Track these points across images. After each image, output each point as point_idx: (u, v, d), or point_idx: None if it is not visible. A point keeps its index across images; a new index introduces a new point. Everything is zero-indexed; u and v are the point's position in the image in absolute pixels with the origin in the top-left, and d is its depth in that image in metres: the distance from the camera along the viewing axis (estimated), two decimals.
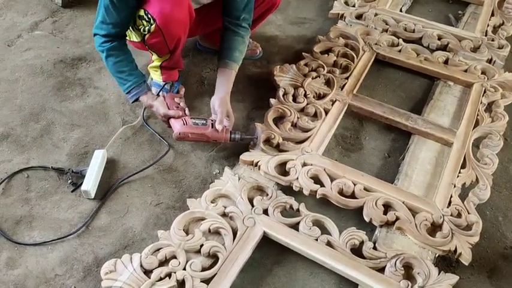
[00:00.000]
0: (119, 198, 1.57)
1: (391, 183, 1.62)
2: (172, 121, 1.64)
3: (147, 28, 1.61)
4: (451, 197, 1.54)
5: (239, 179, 1.56)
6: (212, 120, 1.63)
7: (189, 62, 2.08)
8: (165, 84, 1.83)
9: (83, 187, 1.52)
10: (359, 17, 2.32)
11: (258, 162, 1.60)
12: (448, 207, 1.51)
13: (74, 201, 1.54)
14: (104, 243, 1.45)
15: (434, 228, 1.48)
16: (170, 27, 1.61)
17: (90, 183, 1.53)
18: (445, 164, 1.64)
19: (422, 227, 1.45)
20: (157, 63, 1.83)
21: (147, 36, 1.64)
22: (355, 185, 1.56)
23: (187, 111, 1.68)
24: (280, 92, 1.85)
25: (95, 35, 1.65)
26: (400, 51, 2.11)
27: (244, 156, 1.63)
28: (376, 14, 2.31)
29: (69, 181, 1.58)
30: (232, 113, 1.67)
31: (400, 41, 2.17)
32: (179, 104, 1.69)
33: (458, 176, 1.60)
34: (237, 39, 1.78)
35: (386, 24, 2.27)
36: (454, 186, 1.57)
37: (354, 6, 2.39)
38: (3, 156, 1.63)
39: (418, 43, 2.18)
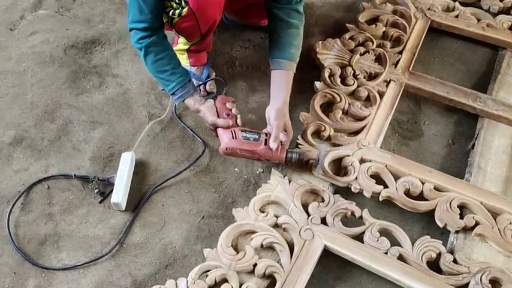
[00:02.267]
0: (153, 209, 1.38)
1: (458, 175, 1.42)
2: (220, 131, 1.39)
3: (177, 12, 1.36)
4: None
5: (289, 182, 1.36)
6: (266, 135, 1.37)
7: (216, 39, 1.82)
8: (207, 80, 1.61)
9: (113, 199, 1.33)
10: None
11: (308, 160, 1.39)
12: None
13: (104, 214, 1.36)
14: (141, 264, 1.28)
15: None
16: (205, 10, 1.37)
17: (121, 193, 1.34)
18: None
19: (508, 233, 1.25)
20: (184, 46, 1.59)
21: (176, 20, 1.39)
22: (423, 183, 1.35)
23: (239, 120, 1.41)
24: (326, 73, 1.61)
25: (131, 29, 1.40)
26: (457, 16, 1.84)
27: None
28: None
29: (95, 190, 1.38)
30: (290, 127, 1.40)
31: (457, 4, 1.88)
32: (231, 110, 1.43)
33: None
34: (291, 32, 1.48)
35: None
36: None
37: None
38: (18, 165, 1.43)
39: (477, 6, 1.89)
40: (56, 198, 1.38)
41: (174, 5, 1.36)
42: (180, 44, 1.61)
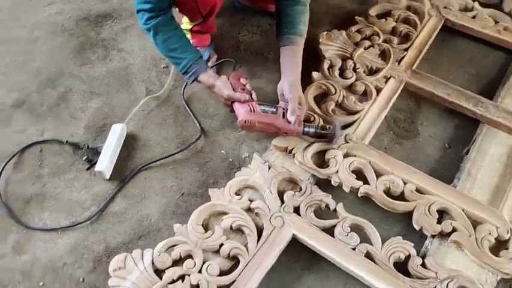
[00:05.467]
0: (136, 181, 1.42)
1: (449, 181, 1.38)
2: (236, 105, 1.40)
3: None
4: None
5: (269, 169, 1.36)
6: (283, 109, 1.38)
7: (224, 22, 1.84)
8: (221, 61, 1.62)
9: (97, 167, 1.38)
10: None
11: (292, 149, 1.39)
12: None
13: (89, 181, 1.41)
14: (117, 232, 1.32)
15: (499, 245, 1.23)
16: None
17: (105, 162, 1.39)
18: None
19: (485, 243, 1.21)
20: (187, 26, 1.61)
21: None
22: (405, 184, 1.32)
23: (254, 96, 1.43)
24: (325, 65, 1.59)
25: (138, 11, 1.42)
26: (474, 17, 1.76)
27: (277, 141, 1.41)
28: None
29: (84, 158, 1.44)
30: (305, 101, 1.41)
31: (476, 4, 1.80)
32: (245, 85, 1.44)
33: None
34: (298, 9, 1.48)
35: None
36: None
37: None
38: (17, 126, 1.51)
39: (497, 8, 1.81)
40: (46, 161, 1.44)
41: None
42: (184, 24, 1.63)
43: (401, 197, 1.32)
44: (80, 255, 1.27)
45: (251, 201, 1.30)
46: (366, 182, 1.34)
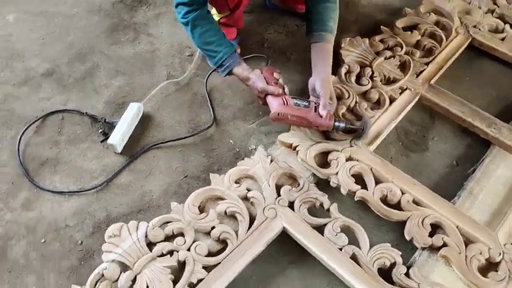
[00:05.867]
0: (144, 158, 1.49)
1: (450, 198, 1.37)
2: (270, 98, 1.43)
3: None
4: None
5: (271, 162, 1.39)
6: (315, 103, 1.41)
7: (253, 19, 1.89)
8: (250, 56, 1.68)
9: (110, 140, 1.46)
10: None
11: (297, 146, 1.42)
12: None
13: (101, 152, 1.49)
14: (119, 202, 1.39)
15: (488, 265, 1.22)
16: None
17: (118, 137, 1.46)
18: None
19: (474, 262, 1.20)
20: (215, 18, 1.67)
21: None
22: (403, 193, 1.33)
23: (286, 90, 1.46)
24: (343, 70, 1.61)
25: (177, 5, 1.47)
26: (503, 39, 1.73)
27: (283, 137, 1.45)
28: None
29: (100, 130, 1.52)
30: (335, 96, 1.45)
31: (507, 27, 1.77)
32: (278, 80, 1.47)
33: None
34: (328, 7, 1.51)
35: (495, 3, 1.86)
36: None
37: None
38: (44, 93, 1.62)
39: None
40: (65, 129, 1.54)
41: None
42: (213, 15, 1.69)
43: (397, 206, 1.32)
44: (82, 219, 1.35)
45: (249, 190, 1.34)
46: (365, 187, 1.35)
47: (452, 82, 1.68)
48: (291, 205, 1.31)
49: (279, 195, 1.33)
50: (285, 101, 1.40)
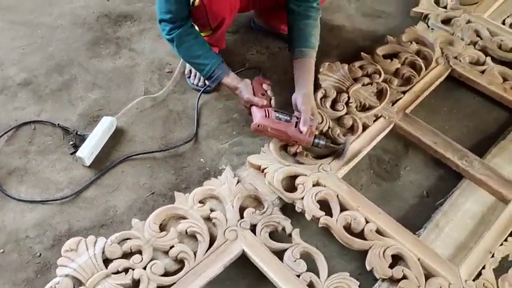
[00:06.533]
0: (113, 172, 1.48)
1: (416, 229, 1.35)
2: (254, 109, 1.44)
3: (191, 0, 1.46)
4: (483, 268, 1.23)
5: (237, 183, 1.38)
6: (297, 118, 1.42)
7: (237, 39, 1.90)
8: (245, 69, 1.72)
9: (78, 153, 1.46)
10: (446, 21, 1.93)
11: (265, 169, 1.41)
12: (474, 280, 1.21)
13: (70, 165, 1.49)
14: (82, 216, 1.38)
15: None
16: (214, 5, 1.46)
17: (86, 150, 1.46)
18: (491, 225, 1.32)
19: None
20: None
21: (191, 8, 1.47)
22: (367, 222, 1.31)
23: (273, 102, 1.47)
24: (319, 94, 1.60)
25: (160, 21, 1.49)
26: (483, 72, 1.73)
27: (253, 159, 1.44)
28: (468, 21, 1.91)
29: (71, 143, 1.52)
30: (317, 112, 1.46)
31: (488, 59, 1.77)
32: (266, 91, 1.48)
33: (501, 245, 1.28)
34: (309, 23, 1.54)
35: (478, 35, 1.87)
36: (492, 256, 1.25)
37: (445, 7, 2.00)
38: (19, 103, 1.62)
39: (510, 66, 1.77)
40: (37, 139, 1.54)
41: None
42: None
43: (361, 235, 1.30)
44: (43, 231, 1.34)
45: (212, 211, 1.33)
46: (330, 214, 1.33)
47: (429, 112, 1.67)
48: (253, 228, 1.30)
49: (242, 217, 1.32)
50: (267, 114, 1.41)
